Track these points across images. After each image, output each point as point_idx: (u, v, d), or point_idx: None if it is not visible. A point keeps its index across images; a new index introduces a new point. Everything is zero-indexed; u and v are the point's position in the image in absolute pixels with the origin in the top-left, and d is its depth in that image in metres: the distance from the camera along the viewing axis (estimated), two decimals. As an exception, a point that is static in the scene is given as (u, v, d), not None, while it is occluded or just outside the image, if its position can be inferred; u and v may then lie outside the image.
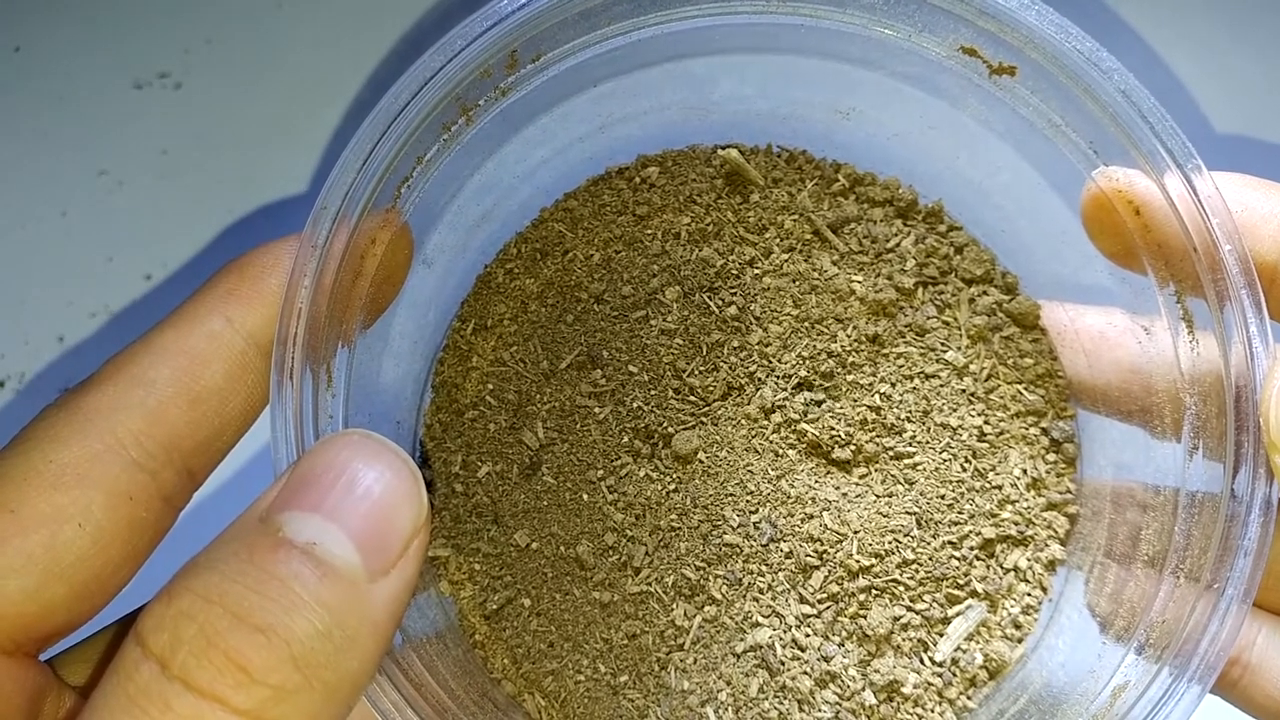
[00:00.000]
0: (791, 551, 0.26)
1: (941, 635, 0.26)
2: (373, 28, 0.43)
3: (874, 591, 0.26)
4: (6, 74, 0.43)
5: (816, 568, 0.26)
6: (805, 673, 0.25)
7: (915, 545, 0.26)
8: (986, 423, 0.27)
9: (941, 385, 0.27)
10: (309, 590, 0.16)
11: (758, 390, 0.27)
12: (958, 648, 0.26)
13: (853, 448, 0.27)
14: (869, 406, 0.27)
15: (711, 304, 0.28)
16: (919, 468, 0.27)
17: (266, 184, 0.42)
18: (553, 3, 0.23)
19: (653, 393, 0.27)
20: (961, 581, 0.26)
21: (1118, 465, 0.26)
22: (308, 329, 0.21)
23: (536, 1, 0.23)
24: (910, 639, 0.26)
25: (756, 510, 0.26)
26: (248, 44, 0.44)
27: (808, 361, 0.27)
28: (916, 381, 0.27)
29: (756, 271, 0.28)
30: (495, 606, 0.26)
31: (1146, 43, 0.35)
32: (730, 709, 0.25)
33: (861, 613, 0.26)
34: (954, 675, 0.26)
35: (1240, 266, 0.21)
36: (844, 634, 0.26)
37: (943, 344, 0.28)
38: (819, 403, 0.27)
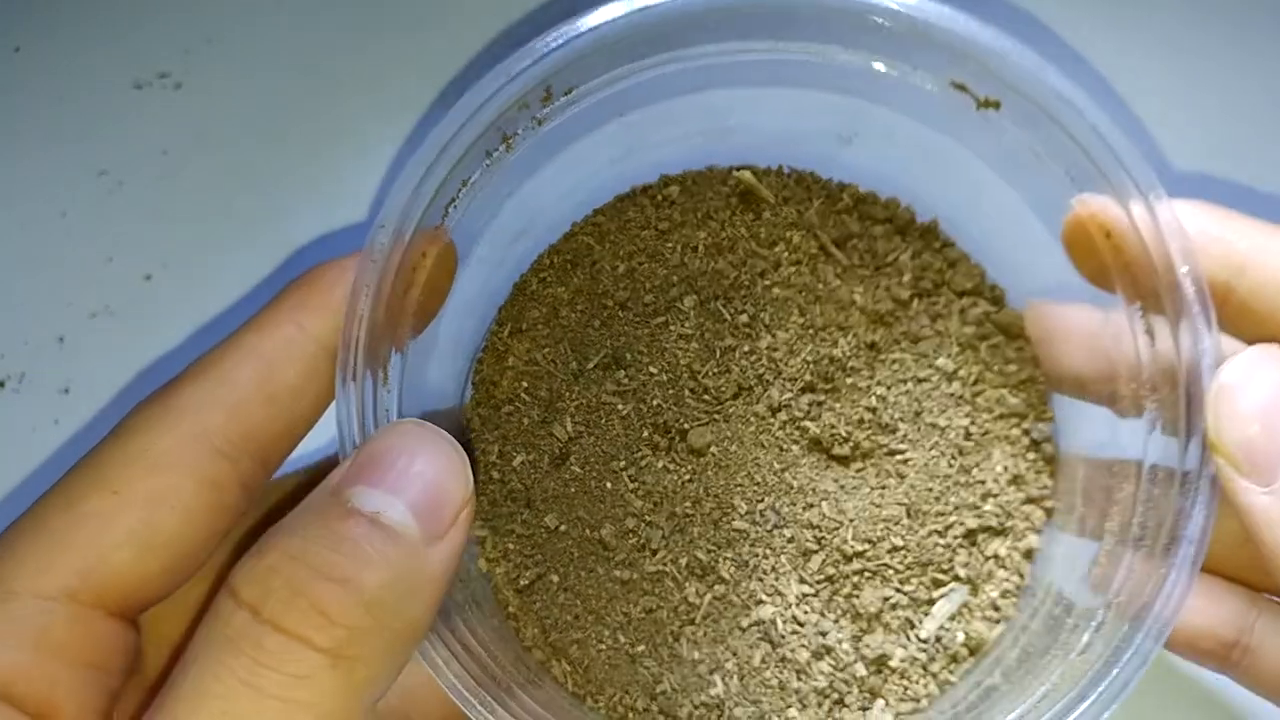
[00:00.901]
0: (793, 537, 0.28)
1: (927, 615, 0.28)
2: (372, 27, 0.42)
3: (866, 574, 0.28)
4: (6, 74, 0.42)
5: (815, 552, 0.28)
6: (803, 646, 0.27)
7: (904, 533, 0.28)
8: (972, 423, 0.29)
9: (932, 389, 0.29)
10: (376, 549, 0.19)
11: (766, 391, 0.29)
12: (941, 626, 0.28)
13: (851, 444, 0.29)
14: (866, 407, 0.29)
15: (725, 312, 0.30)
16: (910, 463, 0.29)
17: (267, 184, 0.41)
18: (584, 44, 0.25)
19: (670, 392, 0.29)
20: (946, 567, 0.28)
21: (1093, 444, 0.28)
22: (368, 334, 0.24)
23: (569, 43, 0.25)
24: (898, 617, 0.28)
25: (763, 499, 0.28)
26: (248, 44, 0.43)
27: (812, 365, 0.29)
28: (910, 385, 0.29)
29: (766, 283, 0.30)
30: (526, 582, 0.29)
31: (1111, 86, 0.37)
32: (736, 677, 0.27)
33: (855, 593, 0.28)
34: (938, 651, 0.28)
35: (1195, 285, 0.24)
36: (839, 612, 0.28)
37: (934, 351, 0.30)
38: (821, 403, 0.29)
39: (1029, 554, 0.29)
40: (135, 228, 0.41)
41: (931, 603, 0.28)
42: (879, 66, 0.27)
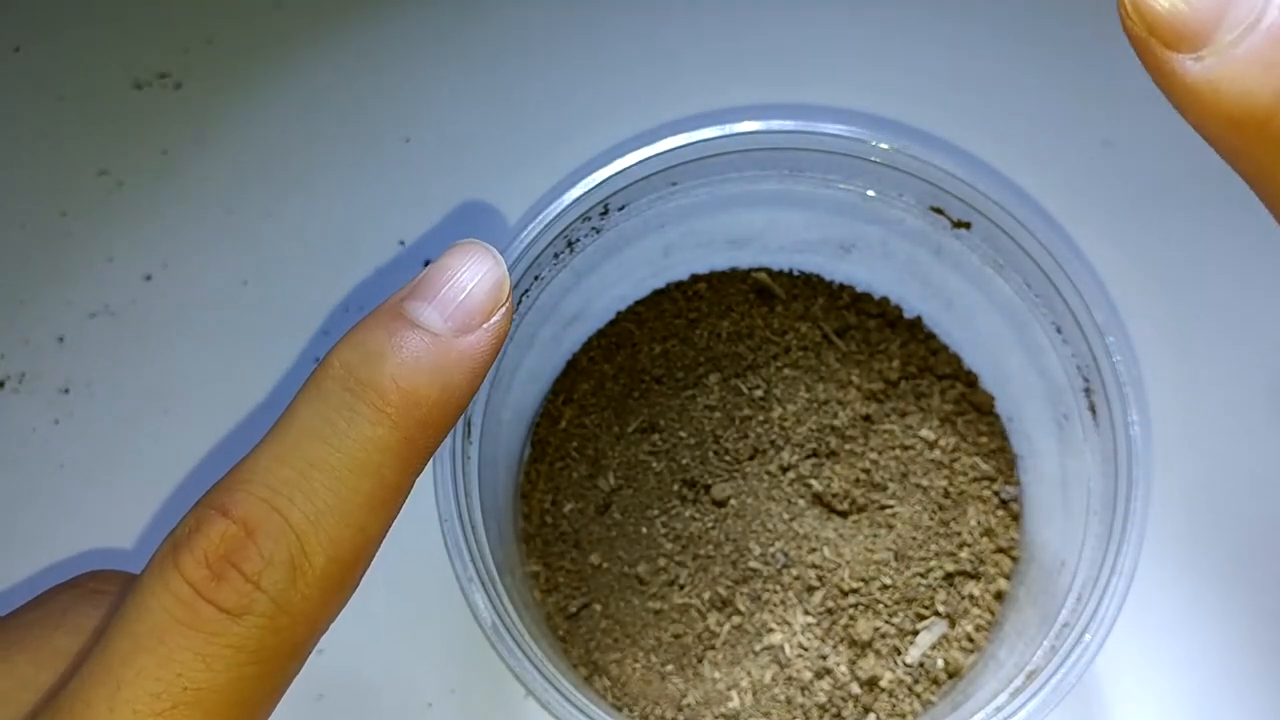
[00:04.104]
0: (799, 575, 0.32)
1: (911, 644, 0.32)
2: (371, 28, 0.43)
3: (860, 608, 0.32)
4: (6, 74, 0.42)
5: (817, 588, 0.32)
6: (807, 668, 0.31)
7: (893, 574, 0.32)
8: (950, 484, 0.34)
9: (917, 455, 0.34)
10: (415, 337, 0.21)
11: (777, 454, 0.33)
12: (924, 654, 0.32)
13: (848, 500, 0.33)
14: (861, 469, 0.34)
15: (743, 387, 0.35)
16: (897, 517, 0.33)
17: (266, 184, 0.41)
18: (635, 173, 0.31)
19: (697, 453, 0.33)
20: (928, 603, 0.32)
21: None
22: None
23: (623, 172, 0.31)
24: (888, 645, 0.32)
25: (773, 544, 0.32)
26: (248, 44, 0.42)
27: (816, 433, 0.34)
28: (898, 451, 0.34)
29: (778, 364, 0.35)
30: (574, 610, 0.32)
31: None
32: (750, 693, 0.31)
33: (850, 624, 0.32)
34: (921, 674, 0.31)
35: (1126, 364, 0.29)
36: (837, 639, 0.32)
37: (919, 424, 0.35)
38: (823, 465, 0.34)
39: (999, 595, 0.33)
40: (135, 228, 0.40)
41: (916, 634, 0.32)
42: (872, 194, 0.33)
